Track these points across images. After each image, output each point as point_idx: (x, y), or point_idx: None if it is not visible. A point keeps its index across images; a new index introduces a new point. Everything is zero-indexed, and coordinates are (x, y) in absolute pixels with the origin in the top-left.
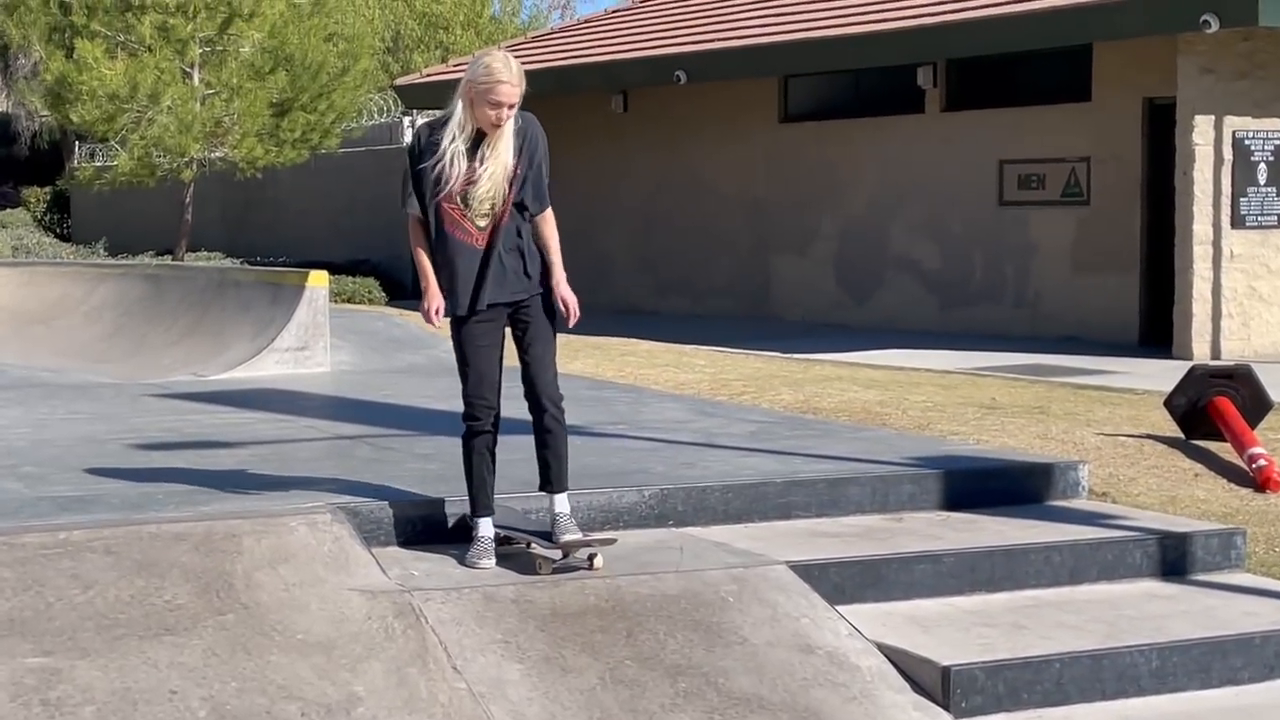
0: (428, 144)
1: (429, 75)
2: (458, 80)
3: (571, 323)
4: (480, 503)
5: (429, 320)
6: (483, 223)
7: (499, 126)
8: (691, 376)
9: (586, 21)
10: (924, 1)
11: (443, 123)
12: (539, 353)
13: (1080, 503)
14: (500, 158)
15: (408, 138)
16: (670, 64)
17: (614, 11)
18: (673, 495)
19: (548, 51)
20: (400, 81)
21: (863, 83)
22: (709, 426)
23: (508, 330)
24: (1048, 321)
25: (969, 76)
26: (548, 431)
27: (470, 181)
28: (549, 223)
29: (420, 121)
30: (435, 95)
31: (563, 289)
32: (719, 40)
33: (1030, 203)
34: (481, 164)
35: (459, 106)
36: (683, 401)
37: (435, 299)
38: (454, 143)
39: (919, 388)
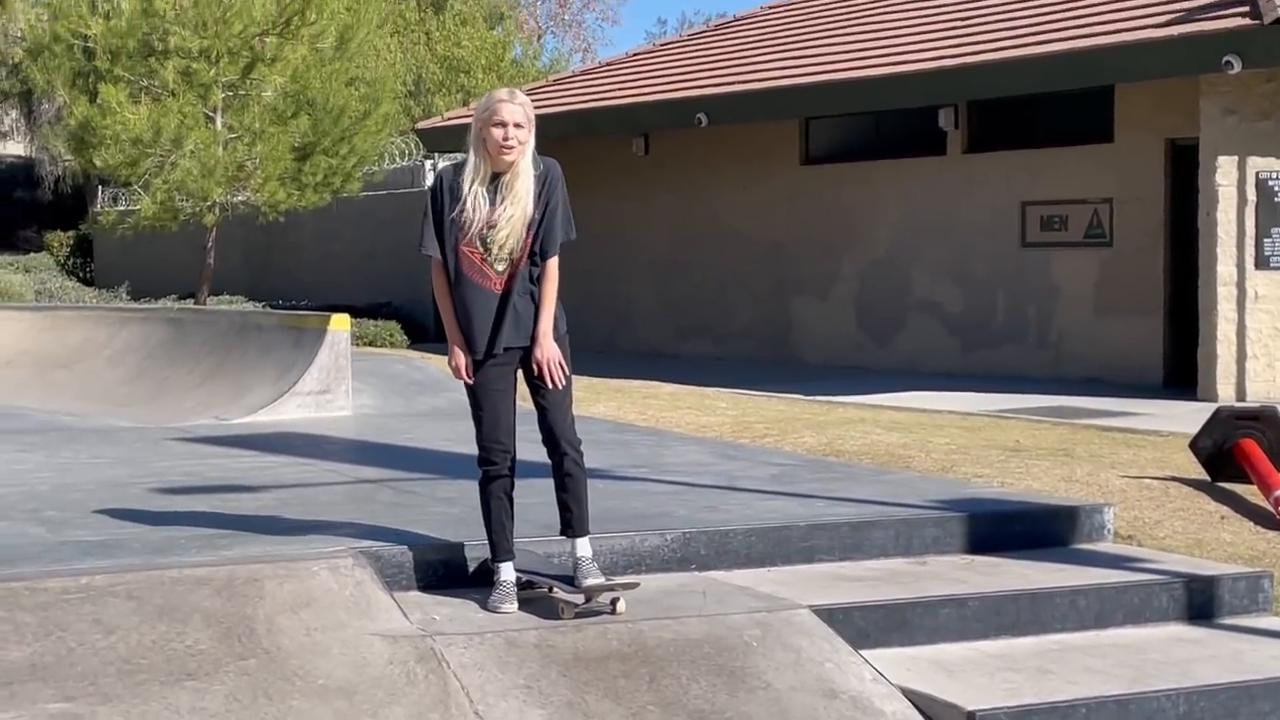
0: (450, 186)
1: (450, 119)
2: None
3: (550, 386)
4: (501, 547)
5: (460, 378)
6: (501, 267)
7: (507, 152)
8: (714, 419)
9: (608, 64)
10: (945, 43)
11: (464, 165)
12: (554, 396)
13: (1105, 546)
14: (520, 201)
15: (429, 181)
16: (691, 107)
17: (635, 54)
18: (695, 539)
19: (569, 95)
20: (422, 125)
21: (884, 124)
22: (731, 470)
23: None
24: (1071, 363)
25: (991, 118)
26: (567, 475)
27: (490, 225)
28: (551, 271)
29: (443, 164)
30: (456, 138)
31: (544, 346)
32: (740, 83)
33: (1053, 244)
34: (501, 206)
35: (471, 150)
36: (705, 444)
37: (462, 356)
38: (473, 186)
39: (942, 430)
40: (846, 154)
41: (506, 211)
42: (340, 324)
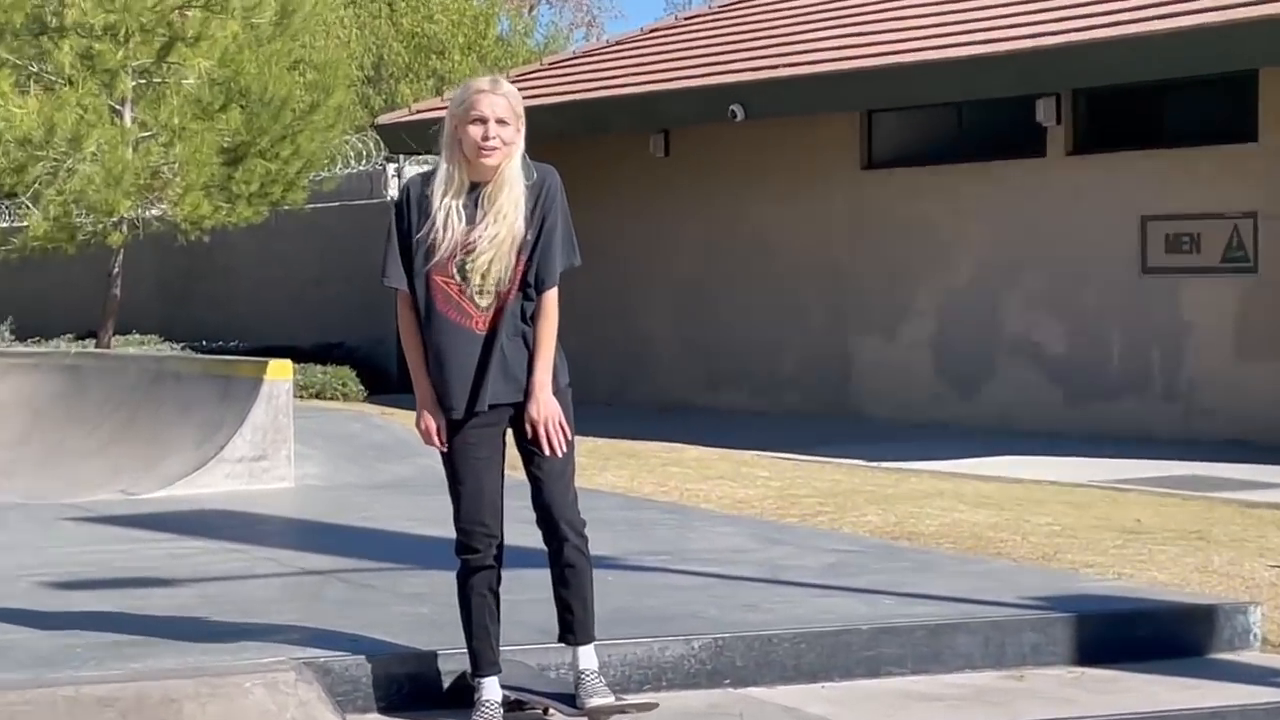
0: (418, 199)
1: (419, 112)
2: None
3: (548, 452)
4: (483, 658)
5: (430, 443)
6: (484, 302)
7: (487, 155)
8: (752, 492)
9: (618, 43)
10: (1045, 16)
11: (435, 173)
12: (554, 466)
13: (1251, 655)
14: (505, 218)
15: (393, 189)
16: (723, 96)
17: (652, 30)
18: (729, 647)
19: (569, 81)
20: (383, 120)
21: (967, 119)
22: (775, 557)
23: (509, 435)
24: (1205, 420)
25: (1102, 111)
26: (568, 566)
27: (468, 249)
28: (550, 306)
29: (411, 171)
30: (426, 137)
31: (540, 402)
32: (785, 66)
33: (1182, 270)
34: (481, 225)
35: (444, 155)
36: (741, 524)
37: (430, 418)
38: (445, 199)
39: (1042, 506)
40: (920, 156)
41: (489, 231)
42: (280, 372)
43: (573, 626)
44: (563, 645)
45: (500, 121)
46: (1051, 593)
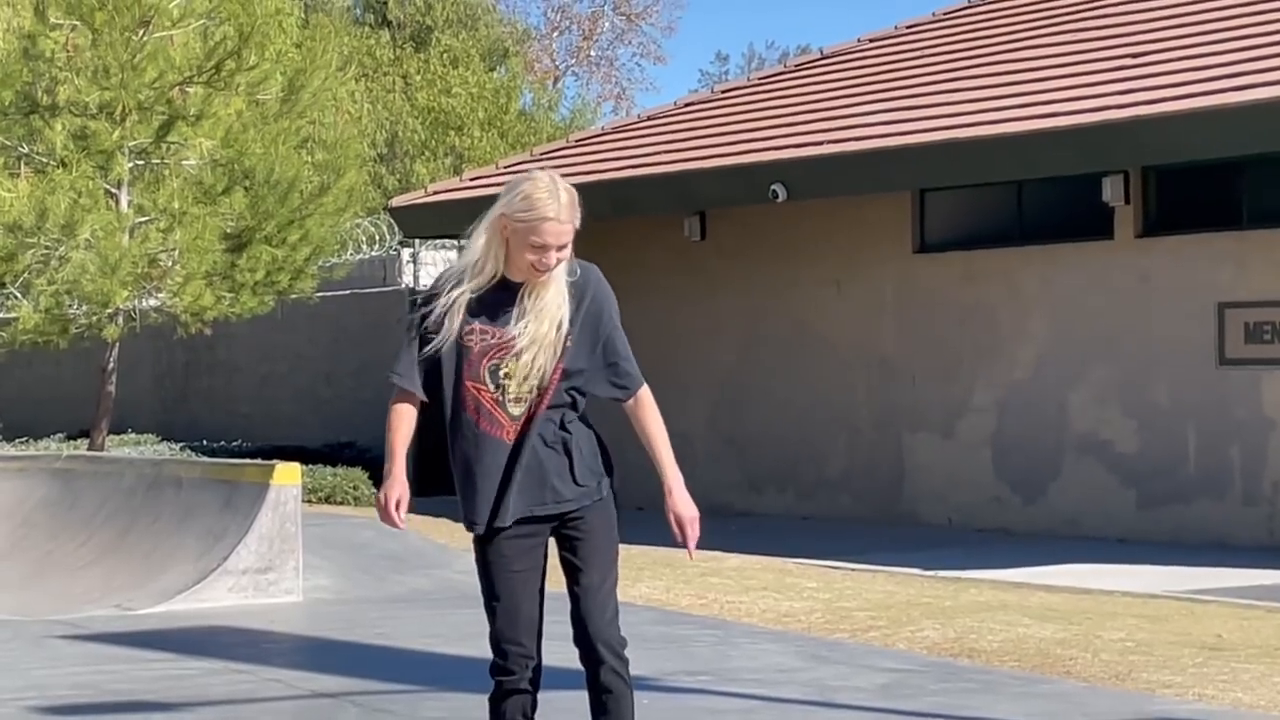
0: (451, 297)
1: (435, 193)
2: (475, 200)
3: (692, 548)
4: None
5: (387, 518)
6: (516, 410)
7: (538, 275)
8: (799, 605)
9: (650, 117)
10: (1112, 88)
11: (449, 279)
12: (594, 581)
13: None
14: (550, 316)
15: (408, 276)
16: (764, 175)
17: (687, 104)
18: None
19: (597, 158)
20: (398, 202)
21: (1028, 199)
22: (824, 677)
23: (553, 545)
24: None
25: (1174, 190)
26: (607, 692)
27: (504, 349)
28: (650, 407)
29: (429, 257)
30: (444, 220)
31: (679, 502)
32: (829, 143)
33: (1263, 361)
34: (520, 323)
35: (482, 243)
36: (787, 641)
37: (396, 489)
38: (472, 290)
39: (1114, 619)
40: (976, 239)
41: (530, 329)
42: (288, 476)
43: None
44: None
45: (561, 248)
46: (1126, 716)
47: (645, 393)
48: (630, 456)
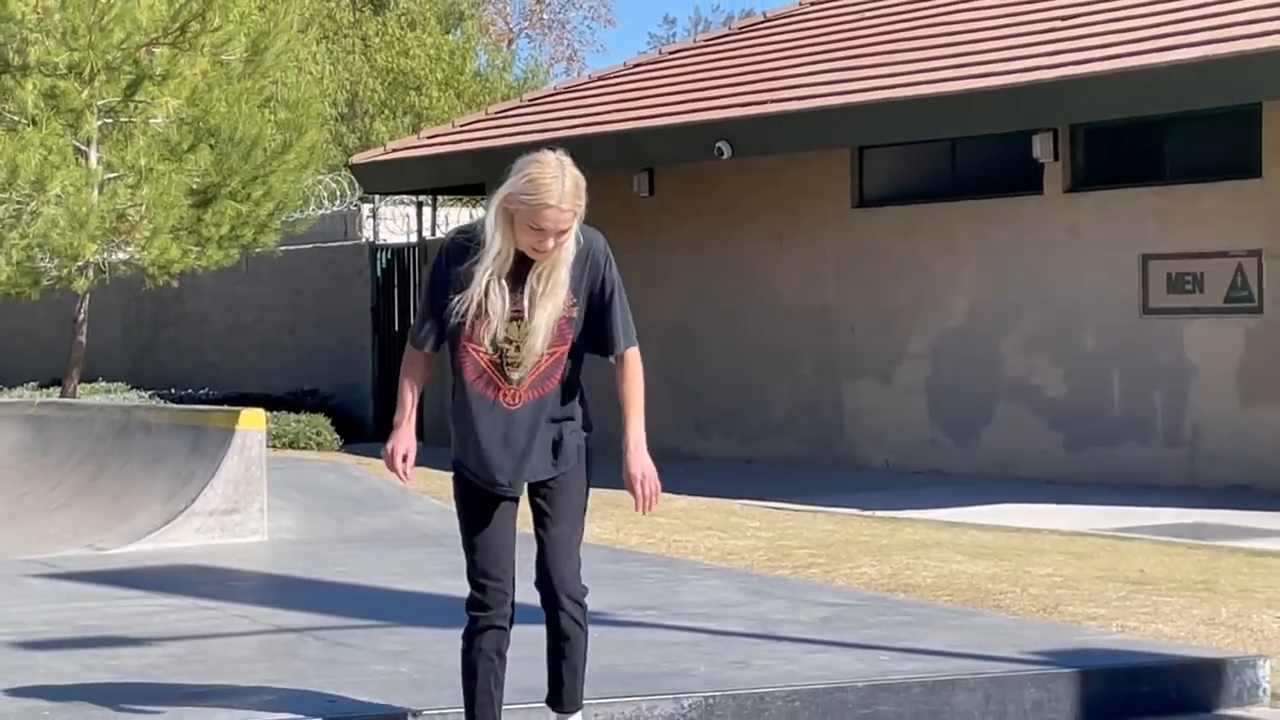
0: (460, 267)
1: (395, 151)
2: (432, 158)
3: (643, 510)
4: None
5: (394, 470)
6: (515, 375)
7: (539, 255)
8: (743, 543)
9: (600, 78)
10: (1042, 49)
11: (478, 239)
12: (564, 531)
13: (1261, 711)
14: (558, 294)
15: (366, 230)
16: (709, 133)
17: (635, 65)
18: (720, 705)
19: (548, 117)
20: (358, 159)
21: (962, 156)
22: (767, 611)
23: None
24: (1211, 465)
25: (1101, 147)
26: (564, 638)
27: (512, 318)
28: (632, 368)
29: (387, 212)
30: (403, 176)
31: (638, 461)
32: (772, 102)
33: (1184, 310)
34: (531, 303)
35: (491, 220)
36: (732, 577)
37: (405, 442)
38: (489, 275)
39: (1043, 556)
40: (913, 194)
41: (541, 308)
42: (253, 422)
43: (561, 696)
44: (548, 708)
45: (561, 233)
46: (1053, 647)
47: (631, 354)
48: (593, 402)
